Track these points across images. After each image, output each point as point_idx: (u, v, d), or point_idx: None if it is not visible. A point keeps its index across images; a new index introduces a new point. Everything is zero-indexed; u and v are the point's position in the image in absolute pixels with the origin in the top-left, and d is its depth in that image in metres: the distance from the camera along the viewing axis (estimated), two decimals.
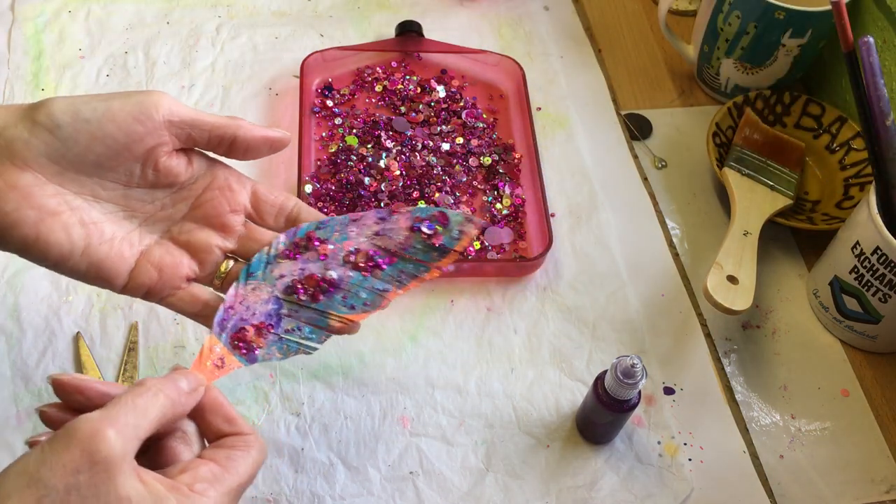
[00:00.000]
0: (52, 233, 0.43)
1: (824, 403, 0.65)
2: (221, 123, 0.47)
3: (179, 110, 0.45)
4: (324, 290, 0.49)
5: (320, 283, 0.48)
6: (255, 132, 0.48)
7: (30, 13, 0.81)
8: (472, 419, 0.61)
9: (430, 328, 0.65)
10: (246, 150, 0.48)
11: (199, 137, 0.46)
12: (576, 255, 0.70)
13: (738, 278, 0.63)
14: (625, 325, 0.66)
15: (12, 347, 0.61)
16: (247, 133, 0.47)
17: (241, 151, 0.48)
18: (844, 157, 0.75)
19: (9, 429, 0.57)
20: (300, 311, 0.48)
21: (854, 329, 0.66)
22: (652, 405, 0.62)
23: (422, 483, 0.58)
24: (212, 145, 0.47)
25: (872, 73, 0.59)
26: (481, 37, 0.85)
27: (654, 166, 0.77)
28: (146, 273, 0.47)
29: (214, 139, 0.47)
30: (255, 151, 0.49)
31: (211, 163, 0.49)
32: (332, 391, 0.61)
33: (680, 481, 0.59)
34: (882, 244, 0.60)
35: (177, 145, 0.46)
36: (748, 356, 0.66)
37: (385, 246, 0.50)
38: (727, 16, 0.74)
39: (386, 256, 0.50)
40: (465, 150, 0.74)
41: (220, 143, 0.47)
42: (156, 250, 0.48)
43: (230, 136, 0.47)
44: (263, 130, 0.48)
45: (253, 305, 0.48)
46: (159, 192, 0.48)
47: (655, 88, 0.83)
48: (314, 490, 0.57)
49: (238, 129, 0.47)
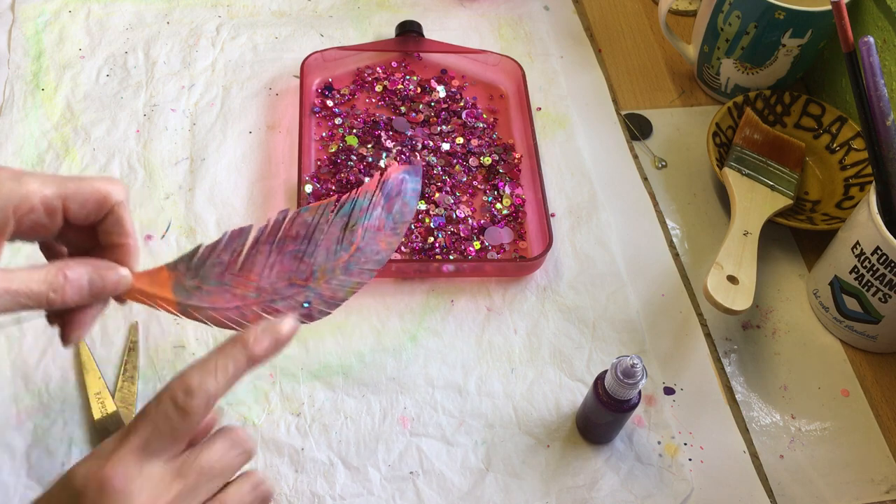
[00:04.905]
0: None
1: (824, 403, 0.65)
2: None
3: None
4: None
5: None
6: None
7: (30, 13, 0.81)
8: (472, 419, 0.61)
9: (430, 328, 0.65)
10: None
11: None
12: (576, 255, 0.70)
13: (738, 278, 0.63)
14: (625, 325, 0.66)
15: (12, 347, 0.61)
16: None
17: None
18: (844, 157, 0.75)
19: (9, 429, 0.57)
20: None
21: (854, 329, 0.66)
22: (652, 405, 0.62)
23: (422, 483, 0.58)
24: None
25: (872, 73, 0.59)
26: (481, 37, 0.85)
27: (654, 166, 0.77)
28: None
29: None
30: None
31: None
32: (332, 391, 0.61)
33: (680, 481, 0.59)
34: (882, 244, 0.60)
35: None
36: (748, 356, 0.66)
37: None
38: (727, 16, 0.74)
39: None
40: (465, 150, 0.74)
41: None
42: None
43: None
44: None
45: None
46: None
47: (655, 88, 0.83)
48: (314, 490, 0.57)
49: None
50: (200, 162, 0.72)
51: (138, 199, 0.69)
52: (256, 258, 0.46)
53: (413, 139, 0.74)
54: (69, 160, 0.71)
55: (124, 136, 0.74)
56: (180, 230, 0.68)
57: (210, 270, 0.45)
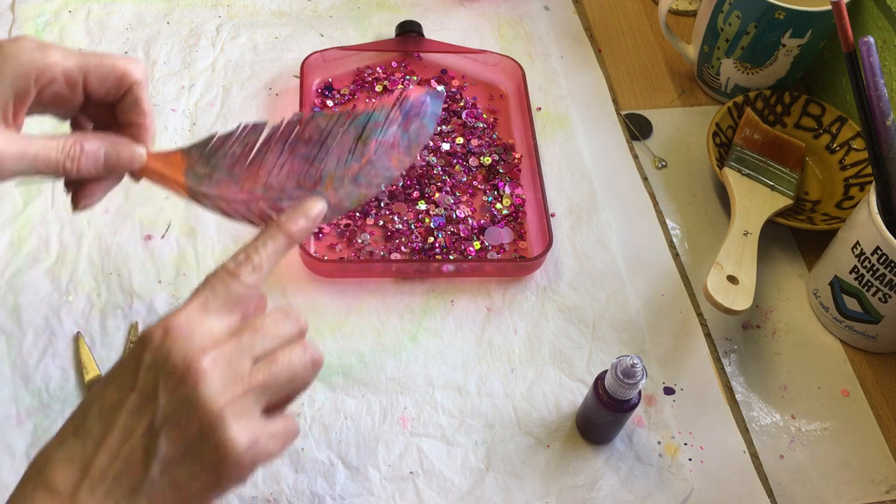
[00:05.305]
0: None
1: (824, 403, 0.65)
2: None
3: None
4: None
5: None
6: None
7: (30, 13, 0.81)
8: (472, 419, 0.61)
9: (430, 328, 0.65)
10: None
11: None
12: (576, 255, 0.70)
13: (738, 278, 0.63)
14: (625, 325, 0.66)
15: (12, 347, 0.61)
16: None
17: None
18: (844, 157, 0.75)
19: (9, 429, 0.57)
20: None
21: (854, 329, 0.66)
22: (652, 405, 0.62)
23: (422, 483, 0.58)
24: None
25: (872, 73, 0.59)
26: (481, 37, 0.85)
27: (654, 166, 0.77)
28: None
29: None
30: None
31: None
32: (332, 391, 0.61)
33: (680, 481, 0.59)
34: (882, 244, 0.60)
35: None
36: (748, 356, 0.66)
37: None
38: (727, 16, 0.74)
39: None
40: (466, 150, 0.74)
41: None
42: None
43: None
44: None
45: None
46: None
47: (655, 88, 0.83)
48: (314, 490, 0.57)
49: None
50: None
51: (138, 199, 0.70)
52: (268, 155, 0.47)
53: None
54: None
55: None
56: (180, 230, 0.68)
57: (222, 160, 0.47)
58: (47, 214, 0.68)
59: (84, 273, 0.65)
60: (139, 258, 0.66)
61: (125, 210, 0.69)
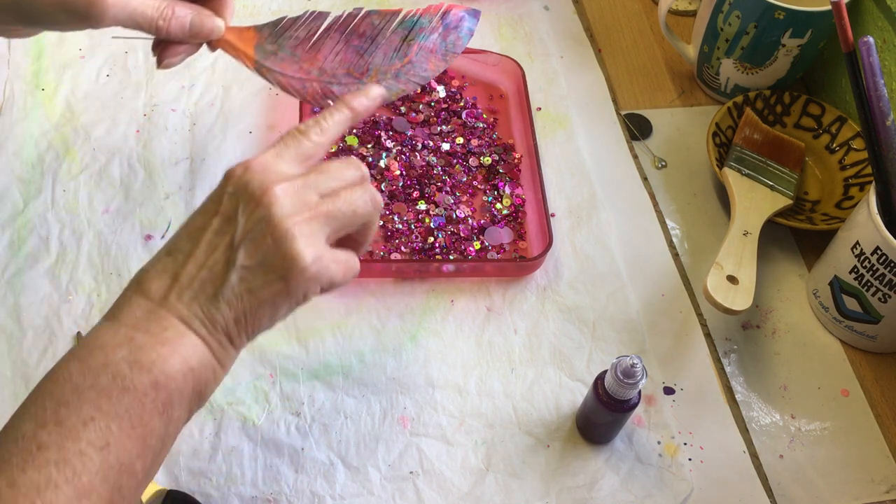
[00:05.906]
0: None
1: (824, 403, 0.65)
2: None
3: None
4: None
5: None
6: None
7: None
8: (472, 419, 0.61)
9: (430, 328, 0.65)
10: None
11: None
12: (576, 255, 0.70)
13: (738, 278, 0.63)
14: (625, 325, 0.66)
15: (12, 347, 0.61)
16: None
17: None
18: (844, 157, 0.75)
19: None
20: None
21: (854, 329, 0.66)
22: (652, 405, 0.62)
23: (422, 483, 0.58)
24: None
25: (872, 73, 0.59)
26: (481, 37, 0.85)
27: (654, 166, 0.77)
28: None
29: None
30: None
31: None
32: (332, 391, 0.61)
33: (680, 481, 0.59)
34: (882, 244, 0.60)
35: None
36: (748, 356, 0.66)
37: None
38: (727, 16, 0.74)
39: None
40: (465, 150, 0.74)
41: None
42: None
43: None
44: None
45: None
46: None
47: (655, 88, 0.83)
48: (314, 490, 0.57)
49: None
50: (200, 162, 0.72)
51: (138, 199, 0.70)
52: (326, 42, 0.54)
53: (413, 139, 0.74)
54: (69, 160, 0.71)
55: (124, 136, 0.74)
56: None
57: (287, 41, 0.55)
58: (47, 214, 0.68)
59: (84, 273, 0.65)
60: (139, 258, 0.66)
61: (125, 210, 0.69)
